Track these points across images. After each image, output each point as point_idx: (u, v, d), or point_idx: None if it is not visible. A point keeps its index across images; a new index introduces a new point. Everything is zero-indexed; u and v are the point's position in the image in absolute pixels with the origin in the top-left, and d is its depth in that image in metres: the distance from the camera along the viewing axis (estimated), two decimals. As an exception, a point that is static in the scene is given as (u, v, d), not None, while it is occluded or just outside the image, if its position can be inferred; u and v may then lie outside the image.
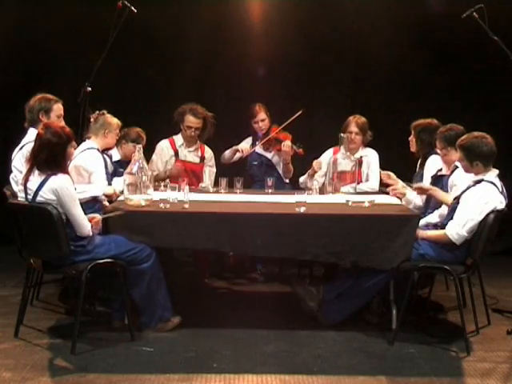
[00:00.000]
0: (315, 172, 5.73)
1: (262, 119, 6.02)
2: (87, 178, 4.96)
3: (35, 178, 4.10)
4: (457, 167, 4.72)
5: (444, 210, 4.64)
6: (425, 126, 5.14)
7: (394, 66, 6.83)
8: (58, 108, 4.86)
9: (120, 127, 5.24)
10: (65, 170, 4.17)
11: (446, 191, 4.72)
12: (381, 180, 5.52)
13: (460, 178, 4.61)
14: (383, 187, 5.49)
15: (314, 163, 5.73)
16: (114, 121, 5.16)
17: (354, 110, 6.26)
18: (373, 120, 5.91)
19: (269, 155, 6.11)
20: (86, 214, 4.28)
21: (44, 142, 4.12)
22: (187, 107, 5.80)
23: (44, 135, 4.13)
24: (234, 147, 6.08)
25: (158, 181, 5.32)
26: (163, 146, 5.91)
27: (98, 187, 4.89)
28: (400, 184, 5.14)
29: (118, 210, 4.44)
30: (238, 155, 6.08)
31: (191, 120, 5.79)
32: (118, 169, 5.34)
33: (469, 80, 6.81)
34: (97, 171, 4.94)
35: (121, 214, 4.39)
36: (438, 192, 4.68)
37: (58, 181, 4.07)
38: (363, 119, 5.77)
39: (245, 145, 6.10)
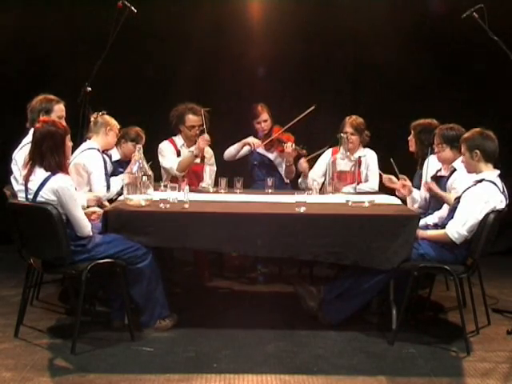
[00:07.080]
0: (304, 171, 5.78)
1: (264, 120, 5.98)
2: (86, 178, 4.96)
3: (36, 178, 4.09)
4: (455, 169, 4.72)
5: (444, 212, 4.64)
6: (425, 126, 5.14)
7: (394, 65, 6.83)
8: (60, 109, 4.84)
9: (118, 128, 5.24)
10: (65, 168, 4.17)
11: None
12: (382, 182, 5.51)
13: (458, 181, 4.61)
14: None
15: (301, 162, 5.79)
16: (114, 121, 5.16)
17: (354, 109, 6.26)
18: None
19: (271, 156, 6.08)
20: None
21: (43, 133, 4.11)
22: (184, 108, 5.74)
23: (42, 127, 4.13)
24: (244, 140, 5.98)
25: (184, 170, 5.59)
26: (167, 145, 5.83)
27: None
28: None
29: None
30: (245, 150, 6.02)
31: (193, 119, 5.72)
32: (117, 168, 5.35)
33: (468, 80, 6.81)
34: (96, 172, 4.94)
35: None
36: (447, 197, 4.63)
37: (58, 181, 4.07)
38: (359, 120, 5.71)
39: (255, 139, 6.00)
